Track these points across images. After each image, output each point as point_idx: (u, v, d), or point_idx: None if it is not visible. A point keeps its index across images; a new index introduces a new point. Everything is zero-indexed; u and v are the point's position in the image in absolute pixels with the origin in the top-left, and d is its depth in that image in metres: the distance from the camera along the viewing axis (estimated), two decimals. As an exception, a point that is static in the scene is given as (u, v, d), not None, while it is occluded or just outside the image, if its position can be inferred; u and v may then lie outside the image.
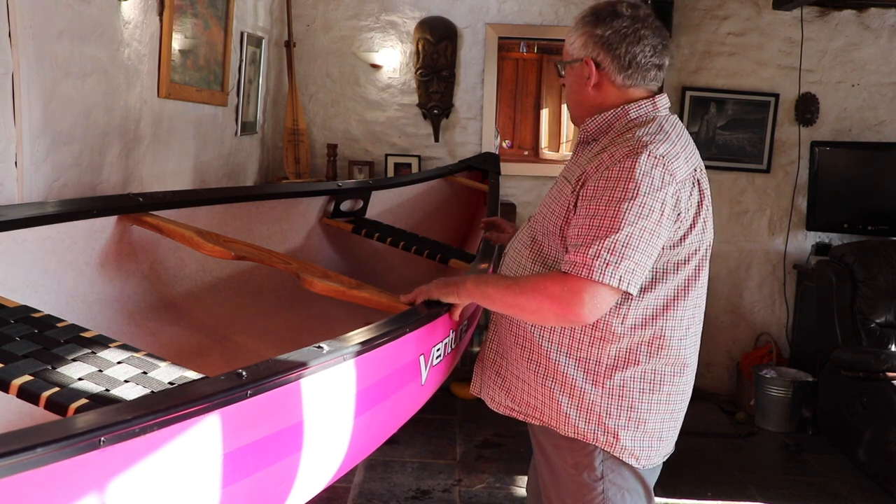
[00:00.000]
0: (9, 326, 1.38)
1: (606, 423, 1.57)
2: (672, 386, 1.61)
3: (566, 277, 1.45)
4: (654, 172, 1.46)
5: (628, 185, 1.45)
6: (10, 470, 0.91)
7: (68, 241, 1.86)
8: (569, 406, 1.58)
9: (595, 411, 1.57)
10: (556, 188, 1.65)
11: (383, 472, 3.34)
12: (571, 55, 1.64)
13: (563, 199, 1.58)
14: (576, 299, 1.43)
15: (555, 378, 1.60)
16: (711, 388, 4.66)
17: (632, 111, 1.61)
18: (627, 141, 1.52)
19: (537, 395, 1.63)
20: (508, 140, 4.68)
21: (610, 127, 1.63)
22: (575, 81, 1.66)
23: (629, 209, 1.43)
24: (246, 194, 2.51)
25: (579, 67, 1.63)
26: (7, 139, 1.95)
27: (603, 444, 1.58)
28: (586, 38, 1.61)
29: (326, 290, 1.88)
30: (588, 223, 1.46)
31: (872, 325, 3.91)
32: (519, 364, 1.66)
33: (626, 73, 1.60)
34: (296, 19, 4.37)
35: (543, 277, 1.50)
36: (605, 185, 1.47)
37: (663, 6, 4.19)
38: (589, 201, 1.48)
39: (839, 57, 4.48)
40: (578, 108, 1.68)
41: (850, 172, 4.43)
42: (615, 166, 1.48)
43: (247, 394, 1.23)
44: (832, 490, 3.43)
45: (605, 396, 1.57)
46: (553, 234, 1.59)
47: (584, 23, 1.62)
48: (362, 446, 1.69)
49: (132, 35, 2.56)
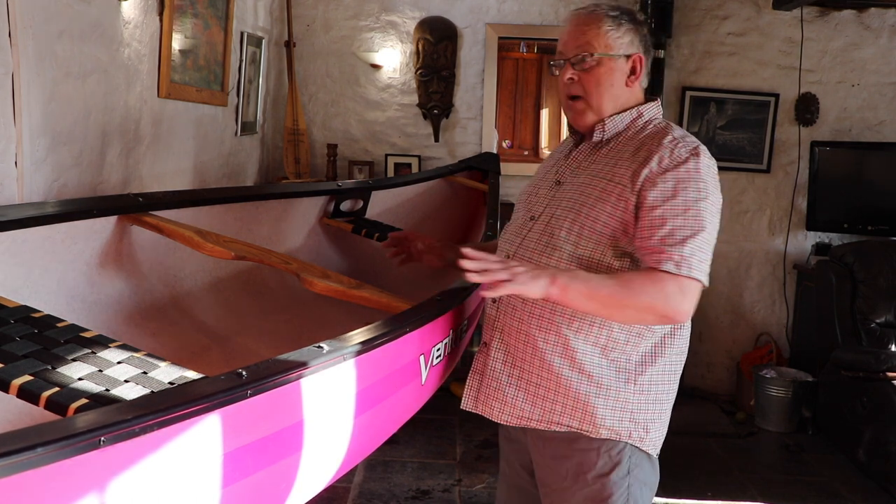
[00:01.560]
0: (9, 326, 1.38)
1: (638, 419, 1.60)
2: (679, 375, 1.67)
3: (675, 277, 1.46)
4: (713, 171, 1.56)
5: (699, 185, 1.52)
6: (10, 470, 0.91)
7: (68, 241, 1.85)
8: (604, 407, 1.58)
9: (628, 409, 1.59)
10: (589, 187, 1.61)
11: (383, 472, 3.34)
12: (618, 49, 1.63)
13: (608, 197, 1.57)
14: (685, 298, 1.47)
15: (589, 381, 1.58)
16: (711, 388, 4.66)
17: (644, 113, 1.67)
18: (673, 142, 1.57)
19: (566, 402, 1.60)
20: (508, 140, 4.68)
21: (626, 128, 1.66)
22: (613, 78, 1.64)
23: (706, 209, 1.51)
24: (246, 194, 2.51)
25: (622, 63, 1.64)
26: (7, 139, 1.95)
27: (635, 440, 1.61)
28: (633, 35, 1.64)
29: (326, 290, 1.88)
30: (673, 223, 1.49)
31: (872, 325, 3.91)
32: (542, 371, 1.61)
33: (648, 76, 1.70)
34: (296, 19, 4.37)
35: (655, 280, 1.46)
36: (677, 185, 1.52)
37: (663, 6, 4.19)
38: (664, 203, 1.51)
39: (839, 57, 4.48)
40: (609, 103, 1.66)
41: (850, 172, 4.43)
42: (681, 168, 1.53)
43: (247, 394, 1.23)
44: (832, 490, 3.43)
45: (637, 393, 1.60)
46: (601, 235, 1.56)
47: (626, 19, 1.65)
48: (362, 446, 1.69)
49: (132, 35, 2.56)
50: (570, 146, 1.77)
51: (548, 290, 1.44)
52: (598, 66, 1.63)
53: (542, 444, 1.67)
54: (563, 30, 1.69)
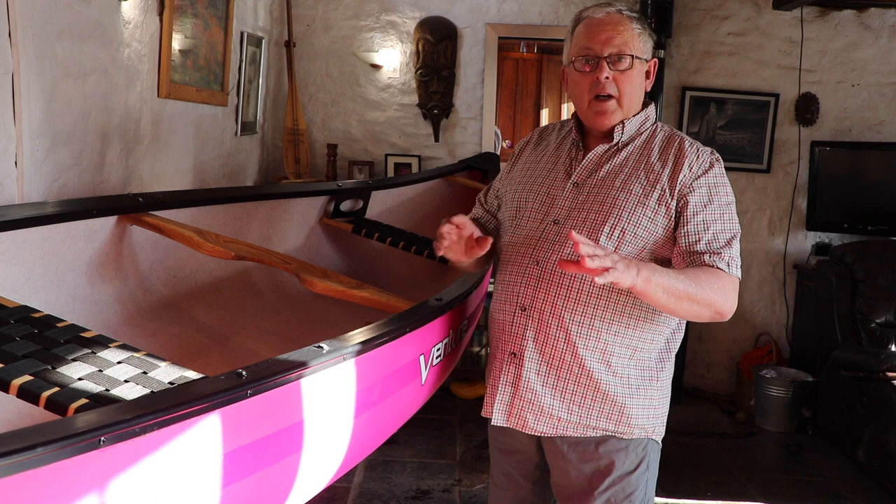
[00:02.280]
0: (9, 326, 1.38)
1: (658, 414, 1.68)
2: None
3: (728, 275, 1.55)
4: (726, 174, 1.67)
5: (726, 188, 1.64)
6: (10, 469, 0.91)
7: (68, 241, 1.86)
8: (636, 407, 1.64)
9: (653, 405, 1.66)
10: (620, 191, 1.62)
11: (383, 472, 3.34)
12: (644, 53, 1.68)
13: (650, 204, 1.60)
14: (734, 295, 1.56)
15: (623, 383, 1.63)
16: (711, 388, 4.66)
17: (650, 116, 1.74)
18: (693, 146, 1.66)
19: (603, 406, 1.62)
20: (508, 140, 4.68)
21: (639, 131, 1.71)
22: (640, 79, 1.69)
23: (734, 211, 1.63)
24: (246, 194, 2.51)
25: (644, 67, 1.69)
26: (7, 139, 1.95)
27: (655, 435, 1.68)
28: (651, 40, 1.71)
29: (326, 289, 1.88)
30: (714, 227, 1.58)
31: (872, 325, 3.91)
32: (581, 376, 1.61)
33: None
34: (296, 19, 4.37)
35: (715, 274, 1.53)
36: (710, 191, 1.61)
37: (663, 6, 4.19)
38: (704, 208, 1.60)
39: (839, 57, 4.48)
40: (636, 104, 1.70)
41: (850, 172, 4.43)
42: (709, 173, 1.62)
43: (247, 393, 1.23)
44: (832, 490, 3.42)
45: (659, 389, 1.67)
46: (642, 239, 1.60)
47: (646, 26, 1.70)
48: (362, 446, 1.69)
49: (132, 35, 2.56)
50: (570, 145, 1.73)
51: (635, 280, 1.43)
52: (631, 68, 1.65)
53: (567, 449, 1.66)
54: (588, 28, 1.66)
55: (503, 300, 1.68)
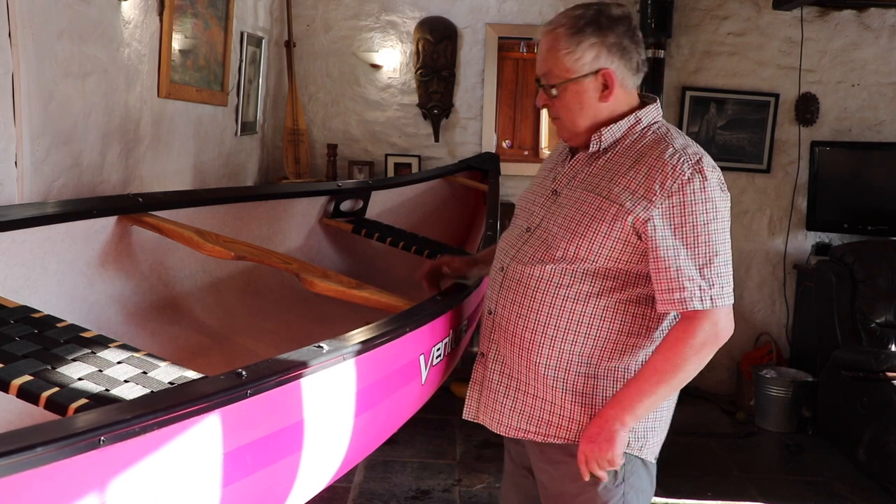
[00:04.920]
0: (9, 326, 1.38)
1: (636, 429, 1.57)
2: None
3: (698, 318, 1.47)
4: (717, 184, 1.50)
5: (706, 205, 1.47)
6: (9, 469, 0.91)
7: (68, 241, 1.86)
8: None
9: None
10: (584, 203, 1.55)
11: (383, 472, 3.34)
12: (580, 71, 1.53)
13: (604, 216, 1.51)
14: (718, 330, 1.50)
15: (583, 395, 1.56)
16: (711, 388, 4.66)
17: (643, 119, 1.58)
18: (674, 156, 1.49)
19: (562, 413, 1.58)
20: (508, 140, 4.68)
21: (624, 137, 1.57)
22: (586, 98, 1.55)
23: (717, 230, 1.48)
24: (246, 194, 2.52)
25: (592, 82, 1.54)
26: (7, 139, 1.95)
27: (634, 450, 1.58)
28: (598, 48, 1.52)
29: (326, 290, 1.88)
30: (687, 254, 1.46)
31: (872, 325, 3.91)
32: (538, 384, 1.59)
33: (636, 75, 1.58)
34: (296, 19, 4.37)
35: (683, 339, 1.48)
36: (683, 211, 1.46)
37: (663, 6, 4.19)
38: (674, 231, 1.46)
39: (839, 57, 4.48)
40: (588, 125, 1.58)
41: (850, 172, 4.43)
42: (685, 189, 1.46)
43: (247, 393, 1.23)
44: (832, 490, 3.42)
45: None
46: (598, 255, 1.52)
47: (588, 34, 1.52)
48: (362, 446, 1.69)
49: (132, 35, 2.56)
50: (567, 152, 1.69)
51: (626, 430, 1.50)
52: (563, 93, 1.56)
53: (539, 451, 1.66)
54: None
55: (484, 303, 1.73)
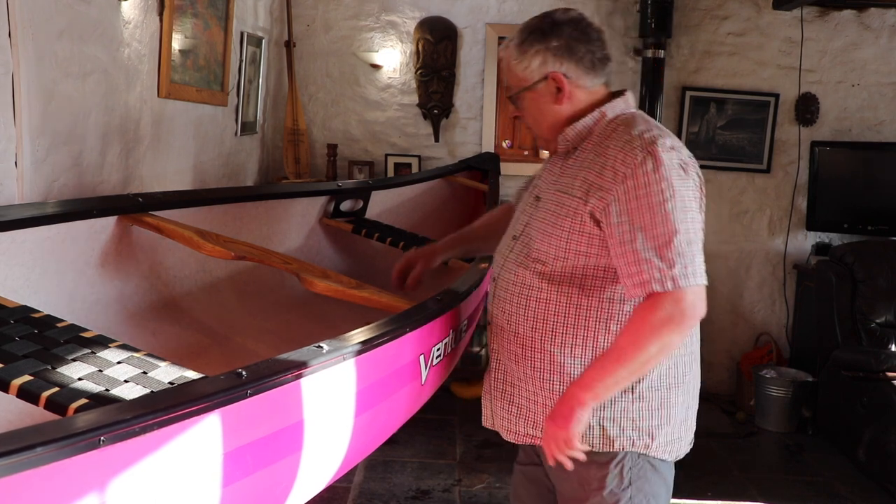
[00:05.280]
0: (9, 326, 1.38)
1: (641, 426, 1.56)
2: (690, 376, 1.68)
3: (663, 298, 1.42)
4: (675, 164, 1.47)
5: (661, 185, 1.43)
6: (9, 469, 0.91)
7: (68, 242, 1.85)
8: (600, 419, 1.55)
9: (629, 417, 1.56)
10: (554, 203, 1.57)
11: (383, 472, 3.34)
12: (531, 79, 1.58)
13: (567, 212, 1.53)
14: (683, 310, 1.42)
15: None
16: (711, 388, 4.65)
17: (608, 112, 1.59)
18: (629, 143, 1.48)
19: None
20: (508, 140, 4.67)
21: (590, 132, 1.59)
22: (542, 103, 1.60)
23: (675, 208, 1.43)
24: (246, 194, 2.52)
25: (544, 87, 1.58)
26: (7, 139, 1.95)
27: (639, 448, 1.57)
28: (543, 54, 1.56)
29: (326, 290, 1.88)
30: (643, 236, 1.43)
31: (872, 325, 3.91)
32: (537, 389, 1.59)
33: (592, 72, 1.59)
34: (296, 19, 4.37)
35: (644, 317, 1.44)
36: (637, 193, 1.44)
37: (663, 6, 4.19)
38: (629, 216, 1.45)
39: (839, 57, 4.48)
40: (552, 128, 1.62)
41: (850, 172, 4.43)
42: (637, 172, 1.45)
43: (246, 393, 1.23)
44: (832, 490, 3.42)
45: (637, 401, 1.56)
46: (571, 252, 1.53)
47: (531, 42, 1.57)
48: (362, 446, 1.69)
49: (132, 35, 2.56)
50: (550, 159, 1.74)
51: (587, 407, 1.47)
52: (523, 102, 1.63)
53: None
54: None
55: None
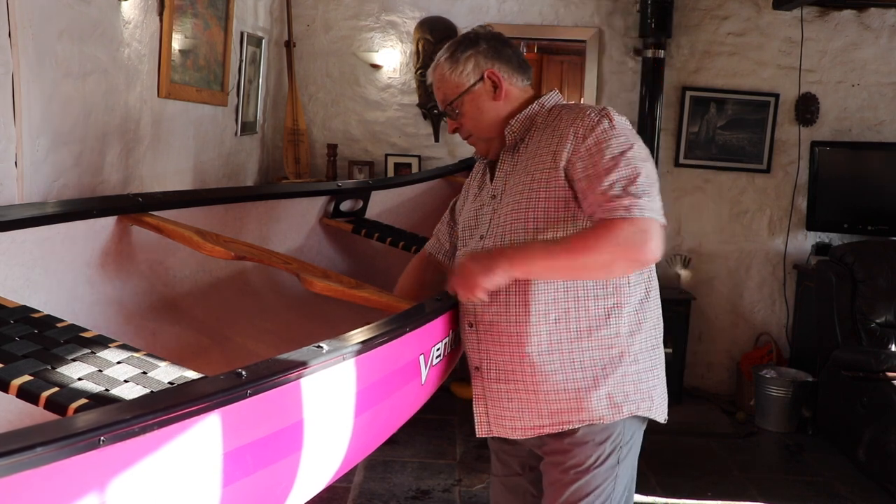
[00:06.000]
0: (9, 326, 1.38)
1: (642, 389, 1.62)
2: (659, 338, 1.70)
3: (629, 220, 1.45)
4: (627, 124, 1.59)
5: (620, 139, 1.53)
6: (9, 469, 0.91)
7: (68, 242, 1.85)
8: (607, 390, 1.59)
9: (630, 381, 1.61)
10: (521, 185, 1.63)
11: (383, 472, 3.34)
12: (467, 82, 1.68)
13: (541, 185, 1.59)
14: (646, 236, 1.45)
15: (584, 370, 1.59)
16: (711, 388, 4.66)
17: (545, 101, 1.70)
18: (581, 112, 1.59)
19: (567, 397, 1.61)
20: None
21: (532, 122, 1.68)
22: (481, 103, 1.69)
23: (634, 156, 1.52)
24: (246, 194, 2.51)
25: (481, 87, 1.68)
26: (7, 139, 1.95)
27: (643, 411, 1.63)
28: (475, 58, 1.67)
29: (326, 289, 1.88)
30: (610, 179, 1.49)
31: (872, 325, 3.91)
32: (535, 376, 1.62)
33: (520, 73, 1.71)
34: (296, 19, 4.37)
35: (605, 230, 1.46)
36: (599, 147, 1.53)
37: (663, 6, 4.19)
38: (594, 168, 1.51)
39: (839, 57, 4.48)
40: (494, 126, 1.70)
41: (850, 172, 4.43)
42: (596, 129, 1.54)
43: (246, 393, 1.23)
44: (832, 490, 3.43)
45: (634, 363, 1.61)
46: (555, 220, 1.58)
47: (462, 50, 1.68)
48: (362, 446, 1.69)
49: (132, 35, 2.56)
50: (486, 168, 1.79)
51: (511, 273, 1.52)
52: (462, 107, 1.70)
53: (550, 441, 1.67)
54: None
55: (460, 318, 1.77)
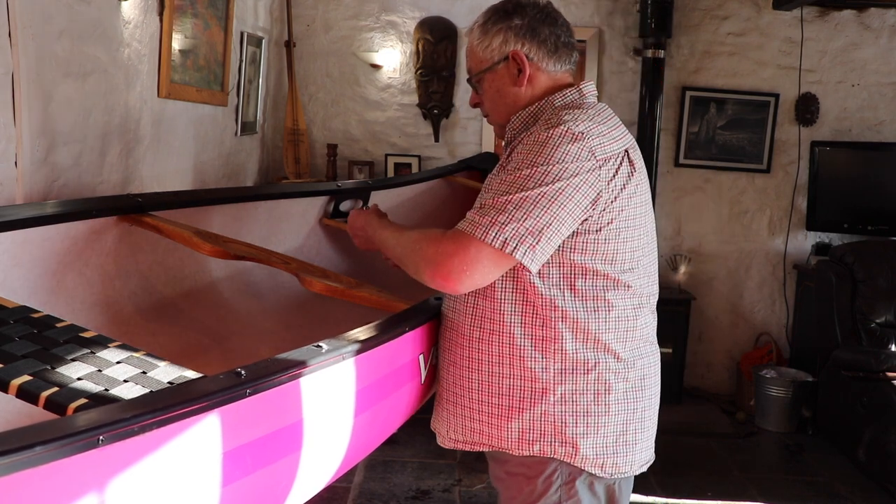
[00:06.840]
0: (8, 326, 1.38)
1: (564, 433, 1.46)
2: (625, 383, 1.49)
3: (457, 235, 1.38)
4: (569, 147, 1.38)
5: (530, 157, 1.39)
6: (8, 469, 0.91)
7: (68, 242, 1.85)
8: (520, 420, 1.48)
9: (549, 421, 1.47)
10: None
11: (383, 472, 3.34)
12: (491, 59, 1.56)
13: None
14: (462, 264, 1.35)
15: (501, 395, 1.49)
16: (711, 388, 4.66)
17: (557, 100, 1.55)
18: (546, 122, 1.46)
19: (483, 418, 1.53)
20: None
21: (536, 119, 1.54)
22: (502, 85, 1.57)
23: (529, 175, 1.37)
24: (246, 194, 2.51)
25: (504, 68, 1.55)
26: (7, 139, 1.95)
27: (562, 456, 1.48)
28: (504, 33, 1.54)
29: (326, 289, 1.88)
30: (485, 193, 1.43)
31: (872, 325, 3.91)
32: (455, 388, 1.56)
33: (555, 56, 1.56)
34: (296, 19, 4.37)
35: (429, 232, 1.43)
36: (514, 164, 1.42)
37: (663, 6, 4.19)
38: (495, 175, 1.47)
39: (839, 57, 4.48)
40: (505, 111, 1.59)
41: (850, 172, 4.43)
42: (533, 147, 1.41)
43: (246, 392, 1.23)
44: (832, 490, 3.43)
45: (558, 404, 1.46)
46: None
47: (494, 21, 1.55)
48: (362, 446, 1.69)
49: (132, 35, 2.56)
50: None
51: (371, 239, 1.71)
52: (483, 84, 1.61)
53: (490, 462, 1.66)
54: None
55: None
